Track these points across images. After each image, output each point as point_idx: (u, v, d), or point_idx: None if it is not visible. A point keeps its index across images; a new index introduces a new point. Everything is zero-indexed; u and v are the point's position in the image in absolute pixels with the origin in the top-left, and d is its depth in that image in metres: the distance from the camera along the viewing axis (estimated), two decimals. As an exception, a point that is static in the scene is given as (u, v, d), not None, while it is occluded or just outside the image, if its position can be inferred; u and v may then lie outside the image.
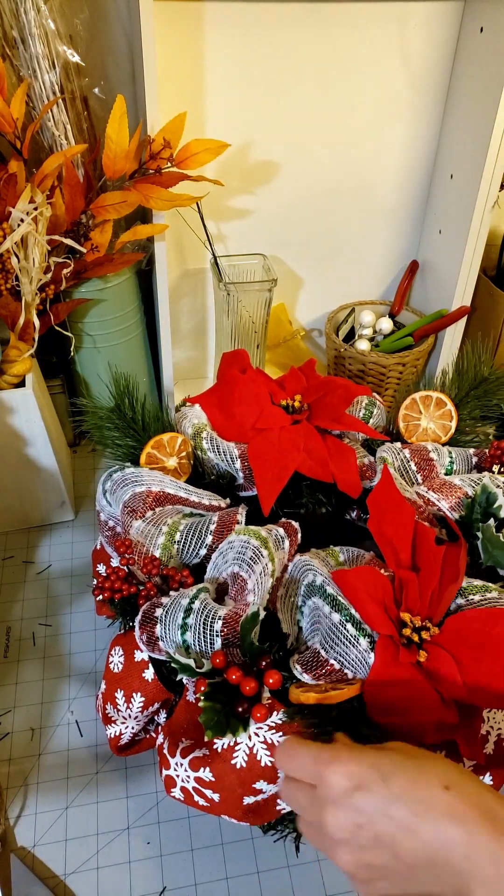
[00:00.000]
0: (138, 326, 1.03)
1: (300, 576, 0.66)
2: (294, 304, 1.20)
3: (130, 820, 0.67)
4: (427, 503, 0.74)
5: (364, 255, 1.16)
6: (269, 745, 0.55)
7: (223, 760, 0.55)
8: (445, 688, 0.55)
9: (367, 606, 0.58)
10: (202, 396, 0.85)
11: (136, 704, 0.62)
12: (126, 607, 0.66)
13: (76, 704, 0.76)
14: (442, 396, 0.86)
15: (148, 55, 0.78)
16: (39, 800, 0.68)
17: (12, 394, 0.81)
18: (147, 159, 0.84)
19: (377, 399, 0.88)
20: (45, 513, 0.96)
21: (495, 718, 0.59)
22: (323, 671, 0.57)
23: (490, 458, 0.80)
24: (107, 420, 0.83)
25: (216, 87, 0.94)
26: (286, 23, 0.91)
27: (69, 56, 0.85)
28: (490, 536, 0.68)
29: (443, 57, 0.98)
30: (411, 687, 0.55)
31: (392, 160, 1.06)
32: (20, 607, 0.86)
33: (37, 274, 0.80)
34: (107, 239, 0.90)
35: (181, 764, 0.58)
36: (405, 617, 0.59)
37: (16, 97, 0.78)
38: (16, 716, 0.75)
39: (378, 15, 0.92)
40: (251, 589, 0.61)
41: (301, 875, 0.64)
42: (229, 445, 0.79)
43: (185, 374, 1.22)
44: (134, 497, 0.73)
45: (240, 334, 1.07)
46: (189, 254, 1.07)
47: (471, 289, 1.06)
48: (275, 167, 1.03)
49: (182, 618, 0.59)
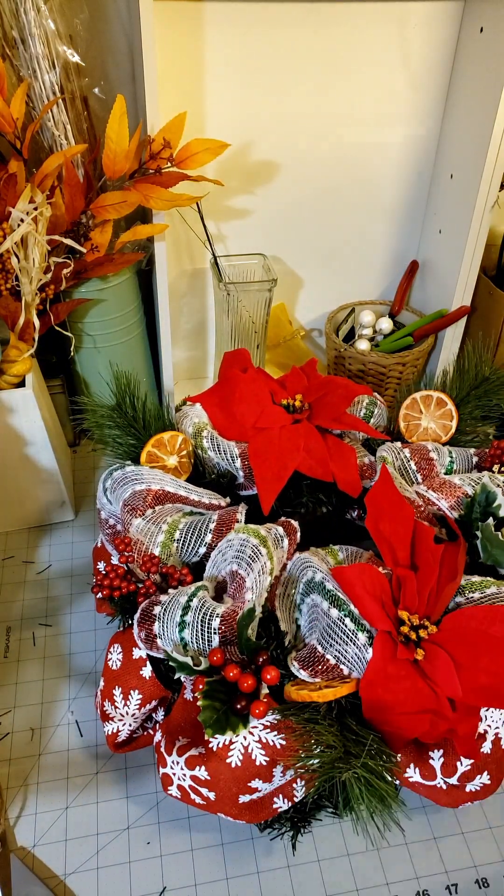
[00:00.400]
0: (138, 326, 1.04)
1: (299, 573, 0.66)
2: (294, 304, 1.20)
3: (130, 820, 0.67)
4: (427, 502, 0.74)
5: (364, 255, 1.16)
6: (263, 744, 0.55)
7: (219, 759, 0.55)
8: (442, 686, 0.55)
9: (364, 602, 0.58)
10: (203, 395, 0.85)
11: (133, 702, 0.62)
12: (125, 605, 0.66)
13: (76, 704, 0.76)
14: (442, 396, 0.86)
15: (148, 55, 0.78)
16: (39, 800, 0.68)
17: (12, 394, 0.81)
18: (147, 159, 0.84)
19: (378, 398, 0.88)
20: (45, 513, 0.96)
21: (492, 717, 0.59)
22: (320, 668, 0.57)
23: (490, 458, 0.80)
24: (107, 418, 0.83)
25: (216, 87, 0.94)
26: (286, 23, 0.91)
27: (69, 56, 0.85)
28: (489, 535, 0.68)
29: (443, 57, 0.98)
30: (408, 684, 0.55)
31: (392, 160, 1.06)
32: (20, 607, 0.86)
33: (37, 274, 0.80)
34: (107, 239, 0.90)
35: (177, 762, 0.58)
36: (403, 615, 0.59)
37: (16, 97, 0.78)
38: (16, 716, 0.75)
39: (378, 15, 0.92)
40: (249, 587, 0.61)
41: (301, 875, 0.64)
42: (230, 444, 0.79)
43: (185, 374, 1.22)
44: (134, 495, 0.73)
45: (240, 334, 1.07)
46: (189, 254, 1.07)
47: (471, 289, 1.06)
48: (275, 167, 1.03)
49: (180, 615, 0.59)
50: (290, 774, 0.57)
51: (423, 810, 0.68)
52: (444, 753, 0.58)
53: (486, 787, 0.60)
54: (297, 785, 0.59)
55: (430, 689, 0.55)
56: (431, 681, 0.55)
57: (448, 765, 0.58)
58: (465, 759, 0.58)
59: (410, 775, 0.58)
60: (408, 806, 0.68)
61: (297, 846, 0.65)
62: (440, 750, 0.58)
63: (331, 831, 0.66)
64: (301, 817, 0.63)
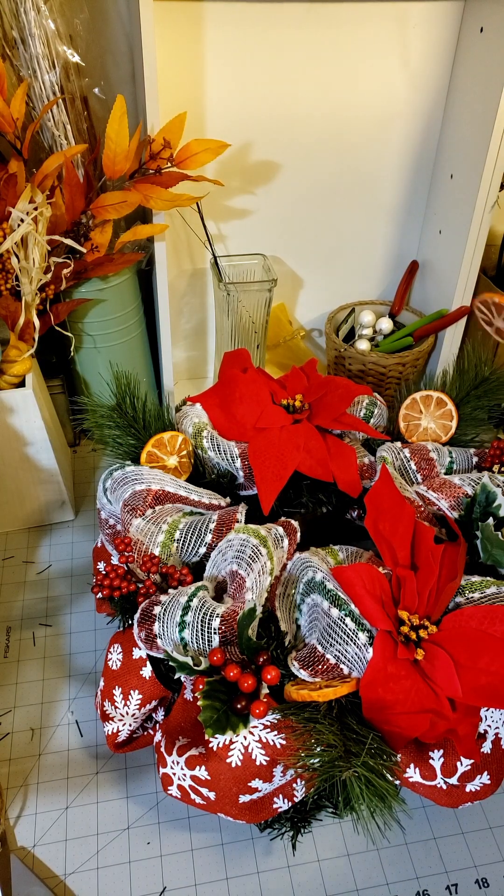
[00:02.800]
0: (138, 326, 1.04)
1: (299, 573, 0.66)
2: (294, 304, 1.20)
3: (130, 820, 0.67)
4: (427, 502, 0.74)
5: (364, 255, 1.16)
6: (264, 744, 0.55)
7: (219, 759, 0.55)
8: (442, 686, 0.55)
9: (365, 602, 0.58)
10: (203, 395, 0.85)
11: (133, 702, 0.62)
12: (125, 605, 0.66)
13: (76, 704, 0.76)
14: (442, 396, 0.86)
15: (148, 55, 0.78)
16: (39, 800, 0.68)
17: (12, 394, 0.81)
18: (147, 159, 0.84)
19: (378, 399, 0.88)
20: (45, 513, 0.96)
21: (492, 717, 0.59)
22: (320, 667, 0.57)
23: (490, 458, 0.80)
24: (108, 418, 0.83)
25: (216, 87, 0.94)
26: (286, 23, 0.91)
27: (69, 56, 0.85)
28: (489, 535, 0.68)
29: (443, 57, 0.98)
30: (408, 684, 0.55)
31: (392, 160, 1.06)
32: (20, 607, 0.86)
33: (37, 274, 0.80)
34: (107, 239, 0.90)
35: (178, 762, 0.58)
36: (403, 615, 0.59)
37: (16, 97, 0.78)
38: (16, 716, 0.75)
39: (378, 15, 0.92)
40: (249, 587, 0.61)
41: (301, 875, 0.64)
42: (230, 444, 0.79)
43: (185, 374, 1.22)
44: (134, 495, 0.73)
45: (240, 334, 1.07)
46: (189, 254, 1.07)
47: (471, 289, 1.06)
48: (275, 167, 1.03)
49: (180, 615, 0.59)
50: (291, 774, 0.57)
51: (423, 810, 0.68)
52: (445, 753, 0.58)
53: (486, 787, 0.60)
54: (298, 785, 0.59)
55: (430, 688, 0.55)
56: (431, 681, 0.55)
57: (448, 765, 0.58)
58: (465, 759, 0.58)
59: (410, 775, 0.58)
60: (408, 805, 0.68)
61: (297, 846, 0.65)
62: (440, 750, 0.58)
63: (331, 831, 0.66)
64: (301, 817, 0.63)
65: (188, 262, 1.08)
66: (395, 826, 0.66)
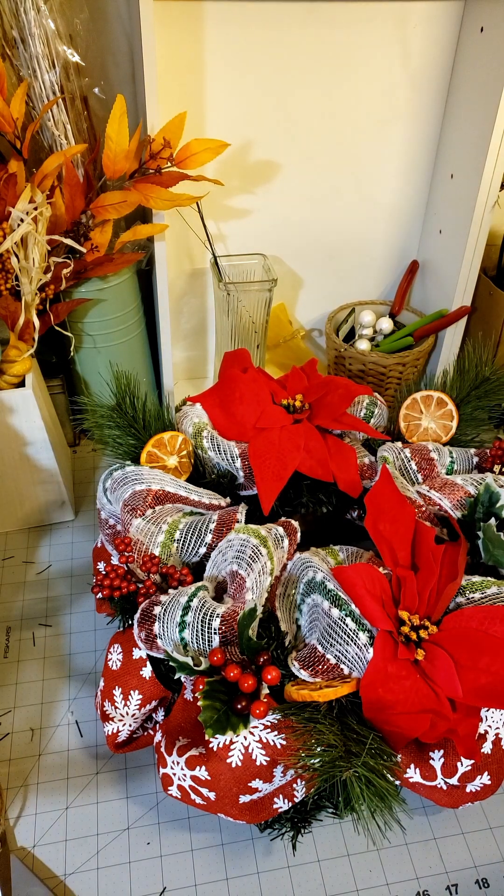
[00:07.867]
0: (138, 326, 1.04)
1: (299, 573, 0.66)
2: (294, 304, 1.20)
3: (130, 820, 0.67)
4: (428, 502, 0.74)
5: (364, 255, 1.16)
6: (264, 744, 0.55)
7: (219, 759, 0.55)
8: (442, 686, 0.55)
9: (365, 602, 0.58)
10: (203, 395, 0.85)
11: (133, 702, 0.62)
12: (125, 605, 0.66)
13: (76, 705, 0.76)
14: (443, 396, 0.86)
15: (148, 55, 0.78)
16: (39, 800, 0.68)
17: (12, 394, 0.81)
18: (147, 159, 0.84)
19: (378, 399, 0.88)
20: (45, 513, 0.96)
21: (493, 717, 0.58)
22: (321, 668, 0.57)
23: (491, 458, 0.80)
24: (107, 418, 0.83)
25: (216, 87, 0.94)
26: (286, 23, 0.91)
27: (69, 56, 0.85)
28: (491, 536, 0.68)
29: (443, 56, 0.98)
30: (408, 684, 0.55)
31: (392, 160, 1.06)
32: (20, 607, 0.86)
33: (37, 274, 0.80)
34: (107, 239, 0.90)
35: (178, 762, 0.58)
36: (403, 615, 0.59)
37: (16, 97, 0.78)
38: (16, 716, 0.75)
39: (378, 15, 0.92)
40: (250, 587, 0.61)
41: (301, 875, 0.64)
42: (230, 444, 0.79)
43: (185, 374, 1.22)
44: (134, 495, 0.73)
45: (240, 334, 1.07)
46: (189, 254, 1.07)
47: (471, 289, 1.06)
48: (275, 167, 1.03)
49: (180, 615, 0.59)
50: (291, 774, 0.57)
51: (423, 810, 0.68)
52: (445, 754, 0.58)
53: (486, 787, 0.60)
54: (298, 785, 0.59)
55: (430, 689, 0.55)
56: (432, 681, 0.55)
57: (448, 765, 0.58)
58: (465, 760, 0.57)
59: (411, 776, 0.58)
60: (408, 805, 0.68)
61: (297, 846, 0.65)
62: (440, 750, 0.58)
63: (331, 831, 0.66)
64: (301, 817, 0.63)
65: (188, 262, 1.08)
66: (395, 826, 0.66)
